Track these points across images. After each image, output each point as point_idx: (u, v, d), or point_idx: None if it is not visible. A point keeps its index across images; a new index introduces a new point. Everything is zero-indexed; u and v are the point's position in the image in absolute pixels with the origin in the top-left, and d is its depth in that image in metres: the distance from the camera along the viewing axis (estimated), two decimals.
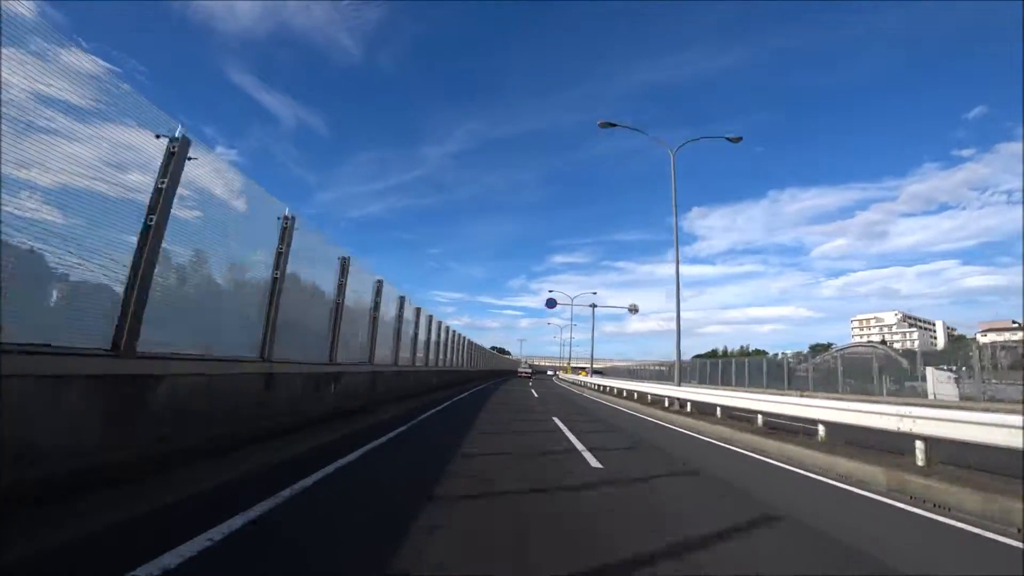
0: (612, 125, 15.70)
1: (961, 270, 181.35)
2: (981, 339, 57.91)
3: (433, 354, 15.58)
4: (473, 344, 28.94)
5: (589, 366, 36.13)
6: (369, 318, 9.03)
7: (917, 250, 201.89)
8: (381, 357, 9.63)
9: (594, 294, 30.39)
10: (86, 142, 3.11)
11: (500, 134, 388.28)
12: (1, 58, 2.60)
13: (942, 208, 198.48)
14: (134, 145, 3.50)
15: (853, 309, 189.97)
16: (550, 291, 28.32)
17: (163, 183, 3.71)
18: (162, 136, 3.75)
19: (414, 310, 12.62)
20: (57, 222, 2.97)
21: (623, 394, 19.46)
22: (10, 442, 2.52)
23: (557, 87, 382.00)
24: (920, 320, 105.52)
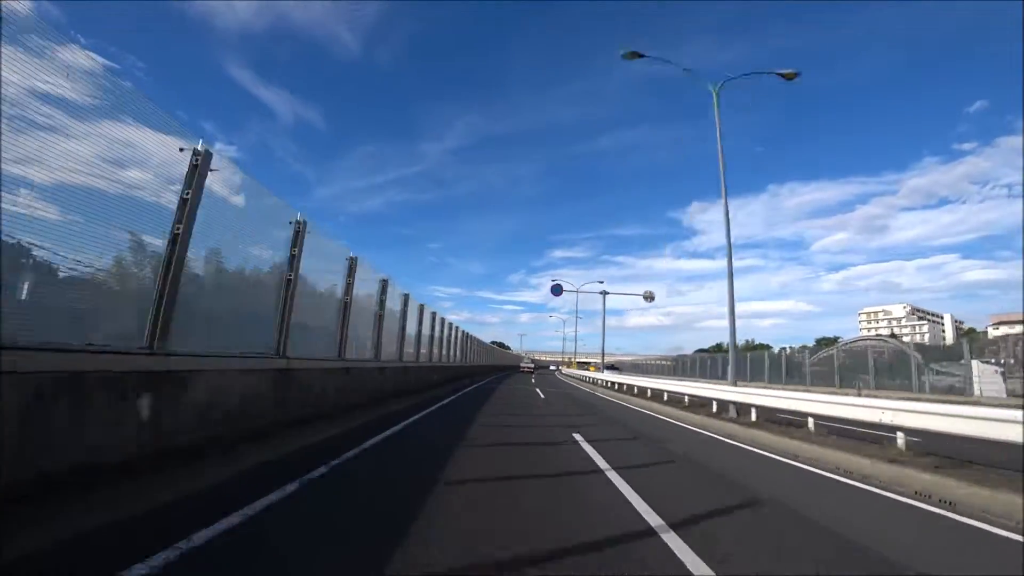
0: (639, 55, 11.89)
1: (961, 264, 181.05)
2: (993, 332, 57.07)
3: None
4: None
5: (601, 360, 31.84)
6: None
7: (917, 244, 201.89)
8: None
9: (601, 283, 27.94)
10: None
11: (499, 129, 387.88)
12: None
13: (942, 202, 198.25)
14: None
15: (853, 303, 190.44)
16: (553, 279, 27.81)
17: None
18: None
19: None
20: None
21: (647, 394, 16.33)
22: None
23: (556, 82, 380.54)
24: (929, 313, 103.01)
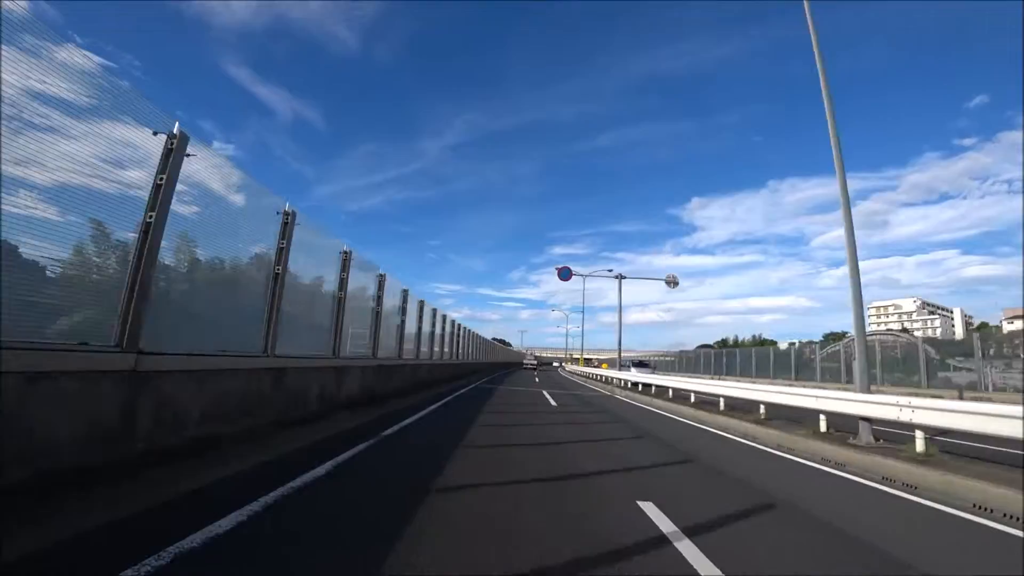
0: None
1: (961, 260, 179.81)
2: (1008, 326, 56.26)
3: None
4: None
5: (617, 356, 27.44)
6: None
7: (917, 240, 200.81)
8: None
9: (609, 271, 25.69)
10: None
11: (499, 126, 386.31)
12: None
13: (943, 198, 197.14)
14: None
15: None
16: (558, 267, 26.83)
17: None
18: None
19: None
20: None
21: (667, 394, 14.24)
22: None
23: (556, 79, 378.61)
24: (939, 307, 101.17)
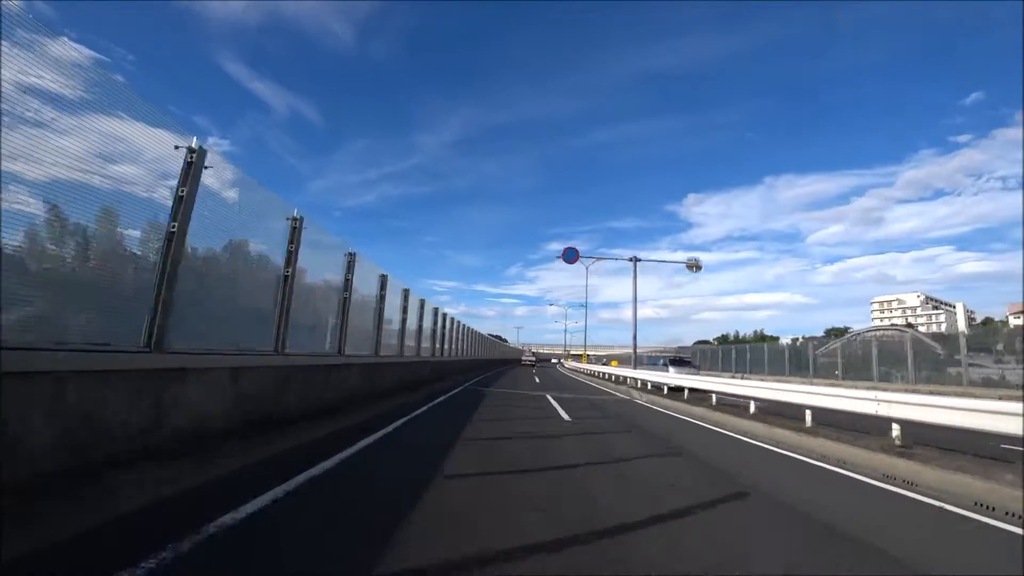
0: None
1: (956, 256, 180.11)
2: (1014, 321, 55.93)
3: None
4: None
5: (632, 351, 22.37)
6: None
7: (912, 236, 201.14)
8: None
9: (627, 258, 21.49)
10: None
11: (495, 121, 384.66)
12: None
13: (938, 194, 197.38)
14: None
15: (848, 295, 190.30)
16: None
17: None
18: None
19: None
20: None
21: (708, 400, 10.84)
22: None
23: (552, 74, 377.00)
24: (942, 302, 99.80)
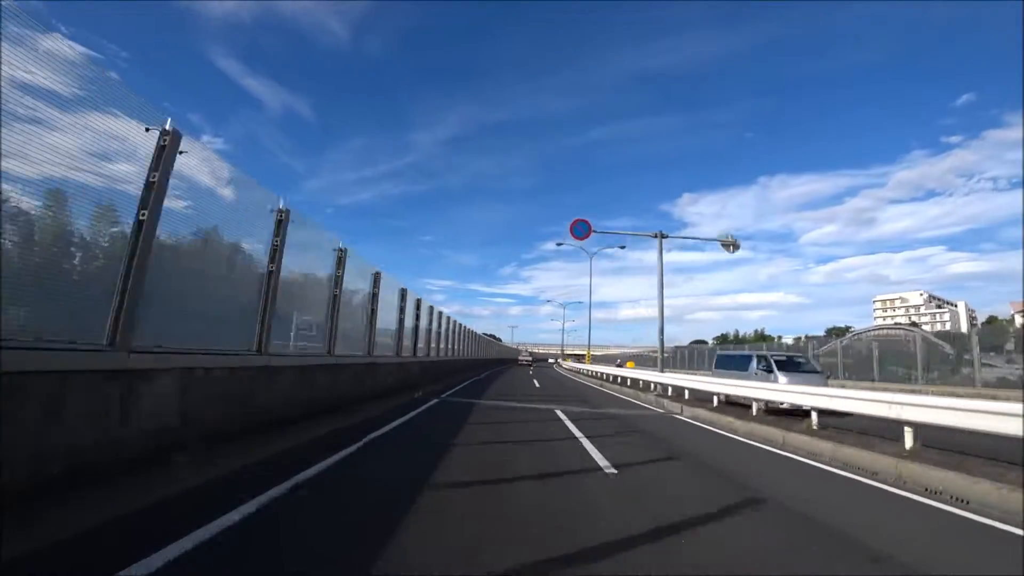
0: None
1: (947, 256, 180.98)
2: (1020, 319, 55.50)
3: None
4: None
5: (659, 348, 17.44)
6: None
7: (905, 237, 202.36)
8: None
9: (652, 234, 17.39)
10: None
11: (491, 120, 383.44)
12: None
13: (929, 195, 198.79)
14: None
15: (841, 295, 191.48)
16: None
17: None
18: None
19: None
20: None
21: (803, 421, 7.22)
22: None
23: (549, 72, 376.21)
24: (945, 301, 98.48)
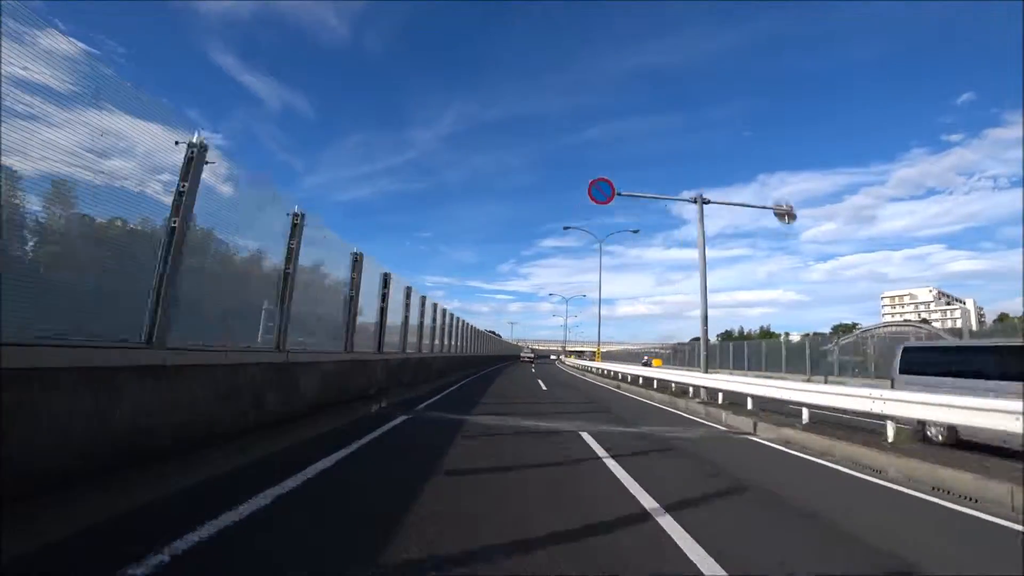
0: None
1: (947, 254, 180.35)
2: None
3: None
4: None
5: (702, 336, 12.99)
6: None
7: (904, 234, 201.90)
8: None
9: (690, 199, 13.06)
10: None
11: (490, 117, 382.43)
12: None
13: (929, 193, 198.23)
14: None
15: (841, 293, 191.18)
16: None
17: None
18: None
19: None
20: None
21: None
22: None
23: (547, 70, 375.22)
24: (954, 297, 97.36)
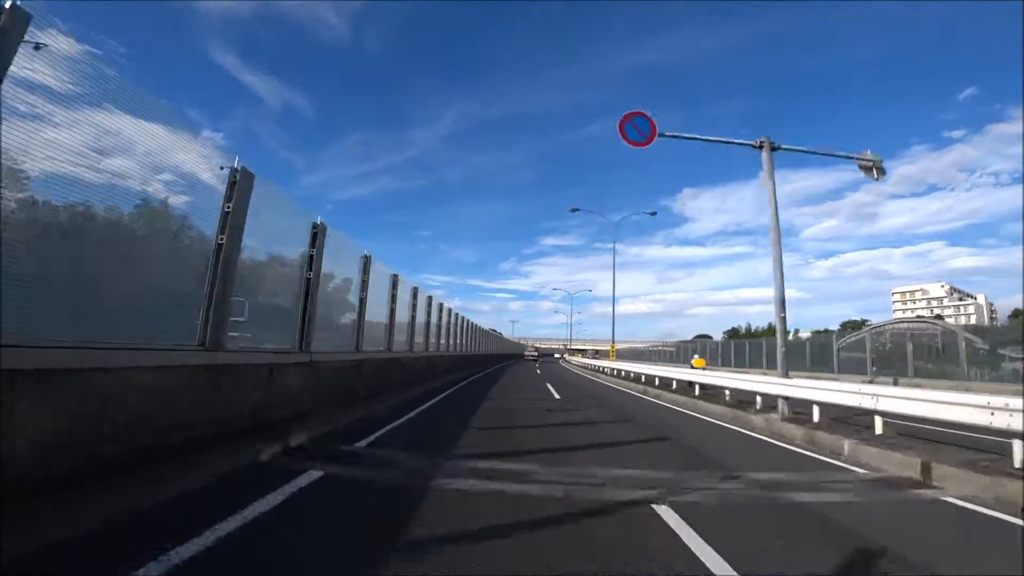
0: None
1: (948, 251, 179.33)
2: None
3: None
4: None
5: (778, 320, 9.19)
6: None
7: (905, 232, 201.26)
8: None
9: (755, 143, 9.65)
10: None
11: (489, 115, 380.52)
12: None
13: (931, 189, 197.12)
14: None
15: (842, 290, 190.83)
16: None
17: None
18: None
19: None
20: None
21: None
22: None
23: (547, 67, 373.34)
24: (966, 293, 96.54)
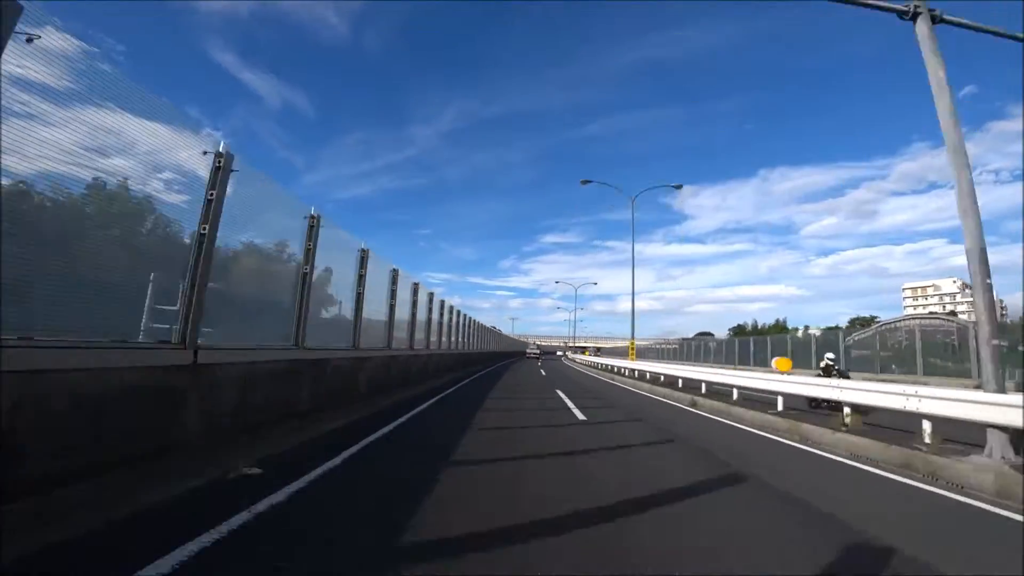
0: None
1: (948, 249, 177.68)
2: None
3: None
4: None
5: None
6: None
7: (906, 229, 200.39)
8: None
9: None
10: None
11: (490, 113, 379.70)
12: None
13: (931, 187, 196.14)
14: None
15: (842, 287, 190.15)
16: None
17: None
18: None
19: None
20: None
21: None
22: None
23: (547, 65, 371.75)
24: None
